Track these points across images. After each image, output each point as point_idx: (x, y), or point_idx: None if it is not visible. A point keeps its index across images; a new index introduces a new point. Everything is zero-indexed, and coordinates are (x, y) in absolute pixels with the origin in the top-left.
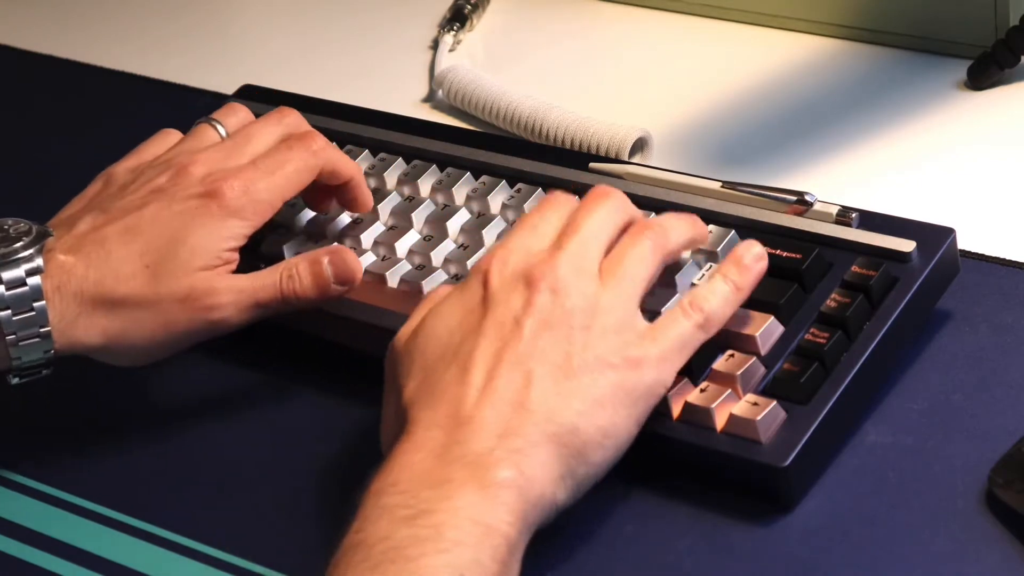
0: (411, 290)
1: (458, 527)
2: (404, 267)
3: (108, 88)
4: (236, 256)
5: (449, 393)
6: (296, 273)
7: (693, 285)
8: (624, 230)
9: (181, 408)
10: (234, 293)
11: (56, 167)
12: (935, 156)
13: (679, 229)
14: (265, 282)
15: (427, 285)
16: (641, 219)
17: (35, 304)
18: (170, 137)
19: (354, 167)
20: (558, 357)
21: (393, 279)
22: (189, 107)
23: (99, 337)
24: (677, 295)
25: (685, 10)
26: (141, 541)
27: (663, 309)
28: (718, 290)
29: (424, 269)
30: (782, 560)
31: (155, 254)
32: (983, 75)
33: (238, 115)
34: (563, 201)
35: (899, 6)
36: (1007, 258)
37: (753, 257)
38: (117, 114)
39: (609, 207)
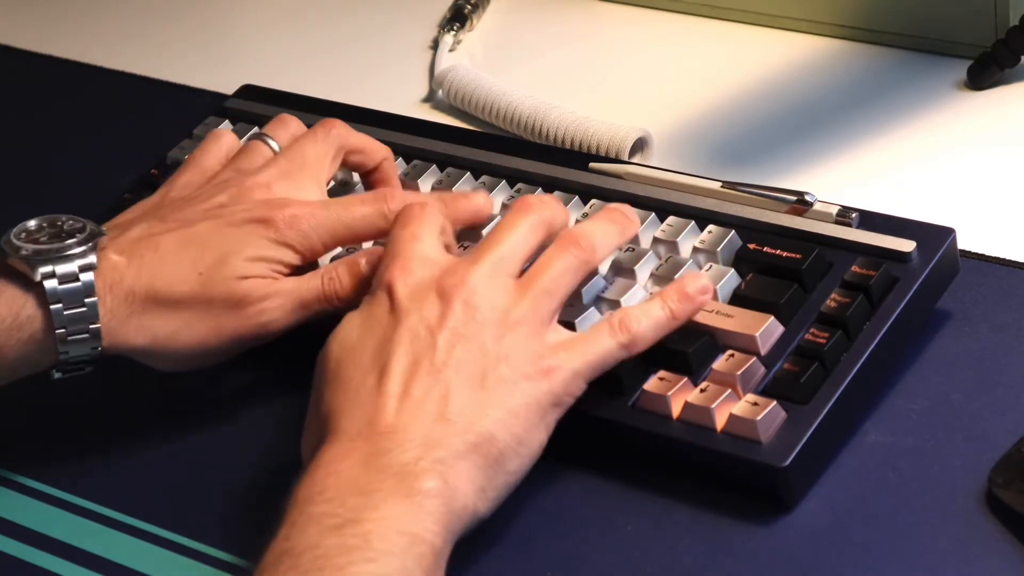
0: None
1: (385, 537)
2: None
3: (108, 88)
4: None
5: (368, 402)
6: (336, 275)
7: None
8: (551, 237)
9: (181, 408)
10: (281, 296)
11: (56, 167)
12: (935, 156)
13: (607, 239)
14: (309, 284)
15: None
16: (567, 231)
17: (86, 300)
18: (223, 142)
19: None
20: (473, 369)
21: None
22: (189, 107)
23: (147, 338)
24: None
25: (685, 10)
26: (141, 541)
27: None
28: (652, 313)
29: None
30: (782, 560)
31: (207, 263)
32: (983, 75)
33: (288, 128)
34: (424, 211)
35: (899, 6)
36: (1007, 258)
37: (698, 289)
38: (117, 114)
39: (529, 222)
